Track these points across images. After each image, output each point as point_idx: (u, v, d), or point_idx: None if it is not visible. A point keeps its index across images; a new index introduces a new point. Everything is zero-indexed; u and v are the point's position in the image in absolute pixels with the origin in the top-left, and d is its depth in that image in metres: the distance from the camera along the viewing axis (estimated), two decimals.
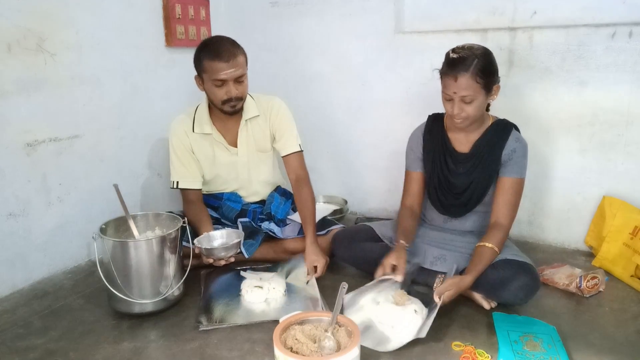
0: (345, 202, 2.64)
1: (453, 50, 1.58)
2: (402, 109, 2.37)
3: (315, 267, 1.83)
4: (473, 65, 1.51)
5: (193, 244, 1.75)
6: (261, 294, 1.68)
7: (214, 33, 2.55)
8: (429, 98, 1.92)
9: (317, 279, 1.84)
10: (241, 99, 1.85)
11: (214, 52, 1.76)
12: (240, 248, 1.81)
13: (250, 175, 2.05)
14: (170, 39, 2.33)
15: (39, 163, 1.87)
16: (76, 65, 1.96)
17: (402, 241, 1.70)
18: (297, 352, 1.24)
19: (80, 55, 1.97)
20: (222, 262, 1.73)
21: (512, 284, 1.54)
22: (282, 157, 2.02)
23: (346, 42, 2.47)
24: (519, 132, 1.74)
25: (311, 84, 2.61)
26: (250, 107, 1.97)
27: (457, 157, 1.72)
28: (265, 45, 2.66)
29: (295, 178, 1.99)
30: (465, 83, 1.51)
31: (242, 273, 1.83)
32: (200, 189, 1.99)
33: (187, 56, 2.18)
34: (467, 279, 1.54)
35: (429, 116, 1.83)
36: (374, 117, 2.47)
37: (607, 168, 2.02)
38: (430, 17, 2.28)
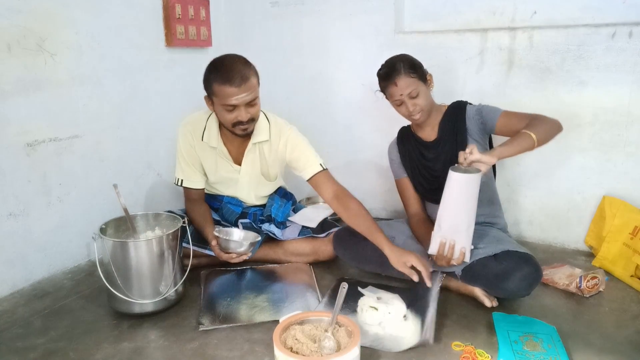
0: None
1: (381, 68, 1.79)
2: None
3: (413, 267, 1.62)
4: (402, 67, 1.72)
5: (194, 243, 1.75)
6: (376, 316, 1.52)
7: (214, 33, 2.55)
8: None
9: (320, 279, 1.85)
10: (253, 120, 1.78)
11: (225, 76, 1.65)
12: (253, 250, 1.82)
13: (249, 193, 2.03)
14: (170, 39, 2.33)
15: (39, 163, 1.87)
16: (76, 65, 1.96)
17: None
18: (297, 352, 1.24)
19: (80, 55, 1.97)
20: (235, 259, 1.75)
21: (515, 275, 1.55)
22: (307, 181, 1.89)
23: (346, 42, 2.47)
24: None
25: (311, 84, 2.61)
26: (262, 131, 1.89)
27: (428, 145, 1.87)
28: (265, 45, 2.66)
29: (332, 196, 1.83)
30: (405, 82, 1.71)
31: (361, 289, 1.63)
32: (203, 189, 1.99)
33: (187, 56, 2.19)
34: (494, 151, 1.50)
35: (399, 130, 1.99)
36: (374, 117, 2.47)
37: (607, 168, 2.02)
38: (430, 17, 2.29)
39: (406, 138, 1.94)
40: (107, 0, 2.06)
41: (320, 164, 1.88)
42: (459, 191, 1.52)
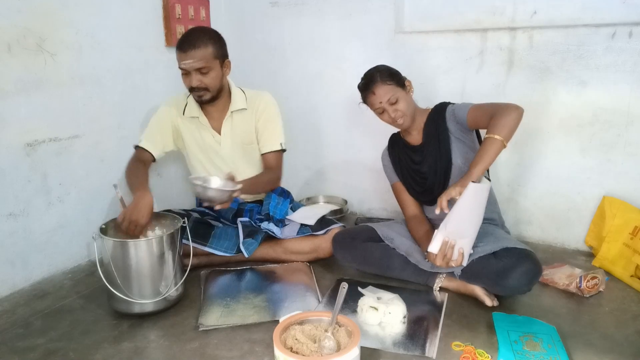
0: (345, 202, 2.64)
1: (360, 81, 1.85)
2: None
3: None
4: (378, 76, 1.78)
5: (194, 240, 1.74)
6: (375, 316, 1.53)
7: None
8: (429, 98, 1.92)
9: (320, 279, 1.85)
10: (207, 89, 1.86)
11: (179, 40, 1.82)
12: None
13: (237, 168, 2.02)
14: (170, 39, 2.33)
15: (39, 163, 1.87)
16: (76, 65, 1.96)
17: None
18: (297, 352, 1.23)
19: (80, 55, 1.97)
20: (217, 206, 1.67)
21: (515, 271, 1.55)
22: (262, 154, 2.04)
23: (346, 42, 2.47)
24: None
25: (311, 83, 2.61)
26: (238, 100, 1.99)
27: (416, 149, 1.89)
28: (265, 45, 2.66)
29: (267, 169, 2.04)
30: (382, 90, 1.76)
31: (361, 289, 1.65)
32: (155, 159, 1.98)
33: None
34: (471, 172, 1.53)
35: (390, 136, 2.02)
36: (374, 117, 2.47)
37: (607, 168, 2.02)
38: (430, 17, 2.28)
39: (396, 143, 1.97)
40: (107, 0, 2.06)
41: (280, 143, 2.02)
42: (468, 198, 1.52)
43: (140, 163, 1.92)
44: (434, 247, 1.59)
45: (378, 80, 1.76)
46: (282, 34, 2.61)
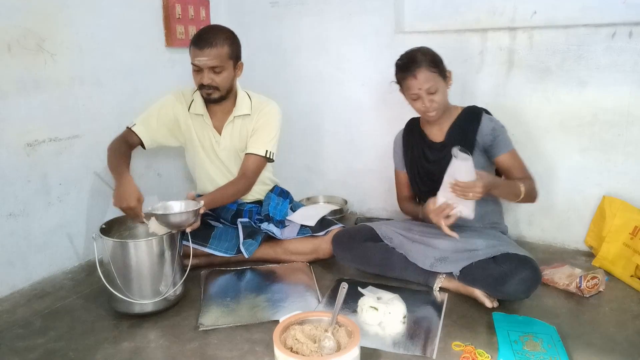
0: (345, 202, 2.64)
1: (400, 59, 1.74)
2: (402, 109, 2.36)
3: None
4: (423, 60, 1.68)
5: (194, 241, 1.74)
6: (376, 316, 1.53)
7: None
8: None
9: (320, 279, 1.84)
10: (217, 89, 1.85)
11: (195, 37, 1.82)
12: (197, 217, 1.66)
13: (231, 170, 2.03)
14: (170, 39, 2.33)
15: (39, 163, 1.87)
16: (76, 65, 1.96)
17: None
18: (297, 352, 1.24)
19: (80, 55, 1.97)
20: (187, 229, 1.65)
21: (513, 278, 1.55)
22: (245, 154, 1.98)
23: (346, 42, 2.47)
24: (490, 114, 1.82)
25: (311, 84, 2.61)
26: (242, 105, 1.97)
27: (434, 146, 1.83)
28: (265, 45, 2.66)
29: (240, 174, 1.96)
30: (425, 76, 1.67)
31: (361, 289, 1.64)
32: (143, 147, 1.95)
33: (187, 56, 2.17)
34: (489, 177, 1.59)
35: (408, 120, 1.97)
36: (374, 117, 2.47)
37: (607, 168, 2.02)
38: (430, 17, 2.28)
39: (413, 132, 1.90)
40: (107, 0, 2.06)
41: (266, 150, 1.96)
42: (458, 173, 1.57)
43: (125, 145, 1.89)
44: (439, 199, 1.64)
45: (423, 65, 1.67)
46: (282, 34, 2.61)
